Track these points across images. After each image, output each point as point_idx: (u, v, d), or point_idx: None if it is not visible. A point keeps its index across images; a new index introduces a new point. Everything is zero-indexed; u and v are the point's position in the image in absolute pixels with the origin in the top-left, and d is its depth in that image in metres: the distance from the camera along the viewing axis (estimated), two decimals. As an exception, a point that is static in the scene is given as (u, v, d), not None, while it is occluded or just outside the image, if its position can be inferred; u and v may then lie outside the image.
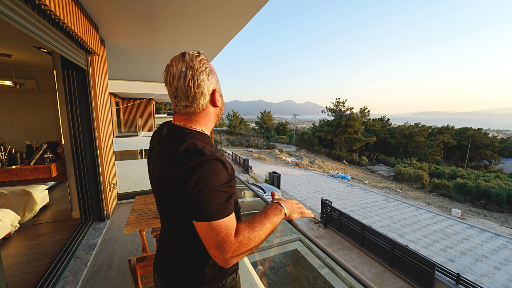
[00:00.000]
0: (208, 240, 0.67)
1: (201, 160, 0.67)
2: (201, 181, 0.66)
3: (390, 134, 45.63)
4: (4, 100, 5.92)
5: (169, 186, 0.71)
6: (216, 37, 3.54)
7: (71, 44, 2.45)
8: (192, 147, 0.70)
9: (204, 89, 0.77)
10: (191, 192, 0.66)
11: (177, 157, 0.69)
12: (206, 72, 0.77)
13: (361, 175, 28.70)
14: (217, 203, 0.67)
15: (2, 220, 2.69)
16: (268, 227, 0.76)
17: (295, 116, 58.73)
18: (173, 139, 0.76)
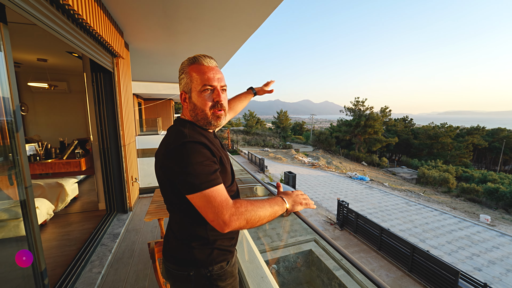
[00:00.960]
0: (205, 210, 0.73)
1: (182, 142, 0.76)
2: (183, 159, 0.74)
3: (413, 135, 43.48)
4: (41, 101, 6.47)
5: (160, 170, 0.82)
6: (232, 38, 3.65)
7: (99, 49, 2.67)
8: (178, 133, 0.82)
9: (182, 88, 0.92)
10: (177, 169, 0.74)
11: (167, 143, 0.82)
12: (180, 74, 0.94)
13: (381, 177, 27.67)
14: (204, 173, 0.73)
15: (40, 208, 2.99)
16: (267, 210, 0.79)
17: (312, 116, 57.88)
18: (171, 128, 0.91)
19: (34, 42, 3.85)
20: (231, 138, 41.08)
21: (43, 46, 4.18)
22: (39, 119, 6.58)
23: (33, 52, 4.67)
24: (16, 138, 1.47)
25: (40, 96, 6.50)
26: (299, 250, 8.32)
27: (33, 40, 3.76)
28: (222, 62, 5.30)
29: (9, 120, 1.46)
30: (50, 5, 1.66)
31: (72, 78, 6.60)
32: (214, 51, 4.21)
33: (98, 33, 2.38)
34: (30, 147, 3.06)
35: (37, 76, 6.13)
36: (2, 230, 1.88)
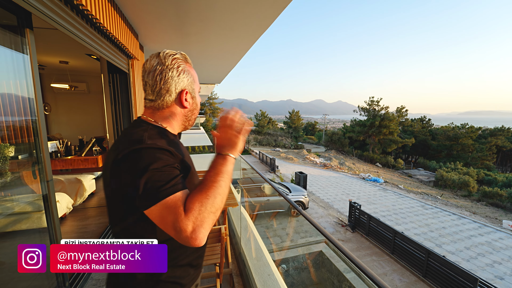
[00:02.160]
0: (163, 224, 0.61)
1: (136, 148, 0.65)
2: (134, 166, 0.63)
3: (431, 136, 41.80)
4: (62, 101, 6.83)
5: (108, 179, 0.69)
6: (242, 38, 3.69)
7: (115, 51, 2.80)
8: (136, 137, 0.68)
9: (171, 86, 0.76)
10: (128, 180, 0.63)
11: (117, 147, 0.69)
12: (177, 70, 0.76)
13: (396, 179, 26.85)
14: (159, 181, 0.61)
15: (60, 202, 3.17)
16: (223, 183, 0.68)
17: (324, 116, 57.08)
18: (126, 131, 0.76)
19: (56, 46, 4.07)
20: (242, 138, 41.25)
21: (65, 50, 4.41)
22: (61, 118, 6.94)
23: (55, 55, 4.93)
24: (40, 136, 1.58)
25: (61, 96, 6.85)
26: (309, 251, 8.27)
27: (55, 44, 3.98)
28: (233, 62, 5.37)
29: (34, 120, 1.58)
30: (71, 10, 1.77)
31: (91, 79, 6.91)
32: (226, 51, 4.27)
33: (115, 36, 2.49)
34: (52, 144, 3.25)
35: (59, 77, 6.47)
36: (27, 222, 2.02)
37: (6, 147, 2.07)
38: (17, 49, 1.47)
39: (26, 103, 1.53)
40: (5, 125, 1.61)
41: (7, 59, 1.45)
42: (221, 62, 5.20)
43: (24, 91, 1.52)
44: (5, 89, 1.49)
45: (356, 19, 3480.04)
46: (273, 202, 9.96)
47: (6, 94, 1.56)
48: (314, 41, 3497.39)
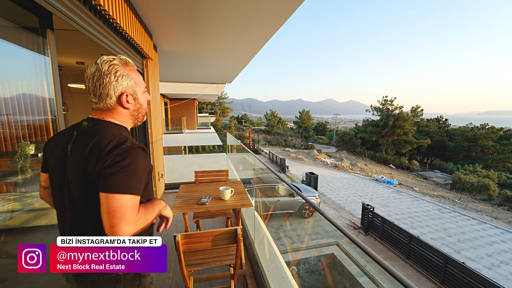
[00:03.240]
0: (114, 213, 0.72)
1: (128, 148, 0.79)
2: (125, 162, 0.76)
3: (448, 137, 40.23)
4: (78, 101, 7.05)
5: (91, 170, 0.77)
6: (256, 37, 3.66)
7: (131, 51, 2.83)
8: (119, 136, 0.81)
9: (110, 91, 0.84)
10: (113, 171, 0.74)
11: (106, 143, 0.78)
12: (115, 76, 0.84)
13: (411, 181, 26.03)
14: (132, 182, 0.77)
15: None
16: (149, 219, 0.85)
17: (336, 115, 56.17)
18: (98, 131, 0.83)
19: (73, 47, 4.18)
20: (252, 138, 41.35)
21: (81, 50, 4.53)
22: (77, 117, 7.16)
23: (72, 56, 5.08)
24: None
25: (78, 96, 7.07)
26: (321, 253, 8.13)
27: (72, 45, 4.09)
28: (245, 62, 5.35)
29: (53, 119, 1.60)
30: (89, 11, 1.79)
31: (106, 80, 7.08)
32: (238, 50, 4.25)
33: (130, 36, 2.52)
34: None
35: (76, 78, 6.68)
36: (46, 218, 2.06)
37: (27, 145, 2.13)
38: (38, 50, 1.50)
39: (46, 103, 1.56)
40: (26, 124, 1.65)
41: (29, 60, 1.48)
42: (233, 61, 5.19)
43: (45, 91, 1.55)
44: (27, 90, 1.53)
45: (370, 15, 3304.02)
46: (284, 203, 9.88)
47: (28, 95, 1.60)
48: (325, 39, 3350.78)
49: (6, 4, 1.31)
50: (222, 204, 1.87)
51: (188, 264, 1.53)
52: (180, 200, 1.95)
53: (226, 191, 1.95)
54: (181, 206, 1.82)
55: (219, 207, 1.83)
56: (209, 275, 1.85)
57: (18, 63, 1.50)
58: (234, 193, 2.06)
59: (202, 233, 1.34)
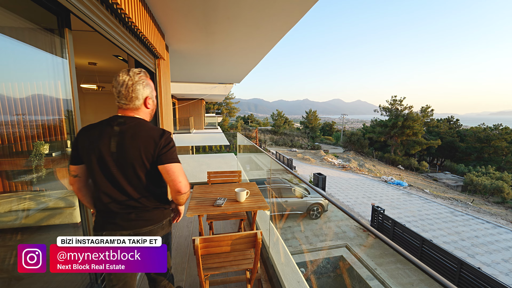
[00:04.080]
0: (176, 176, 1.14)
1: (167, 134, 1.17)
2: (172, 142, 1.18)
3: (459, 137, 39.22)
4: (90, 101, 7.15)
5: (158, 150, 1.14)
6: (267, 36, 3.61)
7: (144, 50, 2.83)
8: (156, 128, 1.20)
9: (138, 95, 1.17)
10: (170, 148, 1.15)
11: (156, 134, 1.16)
12: (142, 85, 1.17)
13: (420, 182, 25.49)
14: (176, 155, 1.18)
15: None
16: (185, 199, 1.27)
17: (343, 115, 55.55)
18: (140, 125, 1.18)
19: (86, 47, 4.23)
20: (258, 138, 41.29)
21: (94, 51, 4.58)
22: (89, 117, 7.27)
23: (85, 56, 5.14)
24: (75, 134, 1.59)
25: (90, 96, 7.17)
26: (329, 255, 8.02)
27: (85, 46, 4.13)
28: (255, 61, 5.30)
29: (71, 118, 1.60)
30: (106, 9, 1.77)
31: (117, 80, 7.17)
32: (249, 49, 4.21)
33: (144, 35, 2.51)
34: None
35: (88, 78, 6.77)
36: (60, 217, 2.06)
37: (42, 145, 2.13)
38: (56, 50, 1.49)
39: (62, 103, 1.55)
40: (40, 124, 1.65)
41: (47, 60, 1.47)
42: (243, 61, 5.15)
43: (62, 91, 1.54)
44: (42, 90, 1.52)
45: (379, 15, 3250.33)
46: (292, 204, 9.79)
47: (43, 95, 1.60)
48: (331, 38, 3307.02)
49: (26, 2, 1.30)
50: (238, 206, 1.83)
51: (205, 268, 1.49)
52: (195, 201, 1.91)
53: (242, 193, 1.90)
54: (196, 208, 1.78)
55: (235, 209, 1.79)
56: (224, 279, 1.80)
57: (36, 63, 1.50)
58: (250, 195, 2.02)
59: (221, 237, 1.29)
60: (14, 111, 1.34)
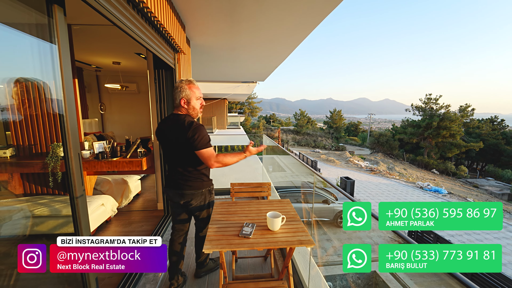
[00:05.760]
0: (207, 156, 1.59)
1: (196, 124, 1.63)
2: (199, 132, 1.60)
3: (505, 140, 35.15)
4: (115, 101, 7.16)
5: (184, 140, 1.61)
6: (300, 23, 3.11)
7: (163, 44, 2.49)
8: (188, 121, 1.65)
9: (177, 97, 1.71)
10: (196, 138, 1.58)
11: (186, 124, 1.63)
12: (179, 89, 1.69)
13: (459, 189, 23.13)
14: (207, 141, 1.62)
15: (105, 205, 3.04)
16: (233, 159, 1.67)
17: (370, 115, 52.67)
18: (178, 118, 1.68)
19: (108, 45, 4.08)
20: (281, 138, 40.57)
21: (117, 50, 4.44)
22: (114, 117, 7.28)
23: (109, 55, 5.05)
24: (68, 143, 1.25)
25: (115, 96, 7.18)
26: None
27: (107, 43, 3.98)
28: (283, 56, 4.81)
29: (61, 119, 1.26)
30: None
31: (140, 80, 7.11)
32: (277, 41, 3.74)
33: (163, 26, 2.17)
34: (100, 144, 3.13)
35: (112, 78, 6.77)
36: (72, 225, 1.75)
37: (58, 147, 1.89)
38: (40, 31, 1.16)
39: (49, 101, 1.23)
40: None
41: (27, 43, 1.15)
42: (270, 55, 4.68)
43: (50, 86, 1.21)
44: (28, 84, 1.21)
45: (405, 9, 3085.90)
46: (317, 210, 9.16)
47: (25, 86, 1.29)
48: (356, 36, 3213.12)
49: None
50: (271, 238, 1.38)
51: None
52: (215, 227, 1.50)
53: (276, 220, 1.44)
54: (217, 238, 1.36)
55: (268, 243, 1.34)
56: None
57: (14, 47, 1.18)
58: (286, 221, 1.55)
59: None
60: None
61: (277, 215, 1.48)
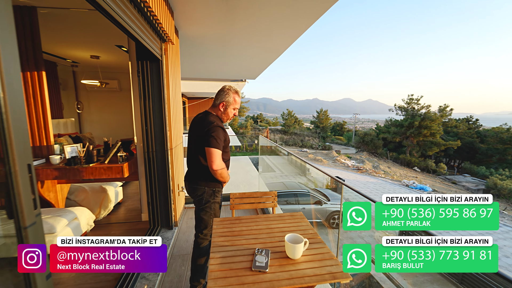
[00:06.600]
0: (212, 156, 1.64)
1: (217, 125, 1.71)
2: (216, 132, 1.67)
3: (479, 138, 37.13)
4: (94, 99, 6.57)
5: (203, 135, 1.70)
6: (301, 16, 2.83)
7: (148, 30, 2.11)
8: (210, 120, 1.74)
9: (218, 98, 1.84)
10: (211, 135, 1.65)
11: (209, 121, 1.73)
12: (223, 93, 1.82)
13: (439, 186, 24.08)
14: (219, 143, 1.66)
15: (79, 219, 2.60)
16: (227, 179, 1.81)
17: (355, 115, 53.85)
18: (208, 116, 1.80)
19: (85, 35, 3.64)
20: (269, 138, 40.45)
21: (94, 41, 4.00)
22: (93, 117, 6.69)
23: (86, 48, 4.55)
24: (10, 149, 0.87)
25: (94, 94, 6.59)
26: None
27: (84, 33, 3.54)
28: (278, 52, 4.52)
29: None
30: None
31: (122, 76, 6.57)
32: (274, 34, 3.44)
33: (149, 8, 1.80)
34: (73, 148, 2.69)
35: (91, 75, 6.20)
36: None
37: None
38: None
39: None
40: None
41: None
42: (265, 50, 4.37)
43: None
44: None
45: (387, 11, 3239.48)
46: (308, 211, 8.98)
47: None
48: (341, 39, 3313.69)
49: None
50: (294, 272, 1.06)
51: None
52: (219, 257, 1.16)
53: (298, 247, 1.13)
54: (223, 276, 1.02)
55: (292, 279, 1.02)
56: None
57: None
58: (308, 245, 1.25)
59: None
60: None
61: (298, 239, 1.18)
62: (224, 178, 1.74)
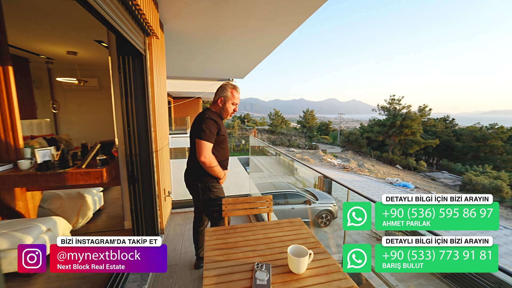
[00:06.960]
0: (200, 147, 1.68)
1: (209, 117, 1.74)
2: (206, 124, 1.70)
3: (455, 137, 39.19)
4: (72, 98, 6.16)
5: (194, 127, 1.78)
6: (294, 12, 2.74)
7: (131, 22, 1.92)
8: (205, 115, 1.76)
9: (217, 94, 1.89)
10: (201, 127, 1.69)
11: (200, 117, 1.77)
12: (222, 90, 1.86)
13: (420, 182, 25.11)
14: (208, 134, 1.69)
15: (53, 230, 2.34)
16: (217, 172, 1.79)
17: (340, 115, 55.04)
18: (205, 112, 1.81)
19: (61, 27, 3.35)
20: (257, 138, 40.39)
21: (71, 35, 3.72)
22: (70, 117, 6.26)
23: (62, 43, 4.22)
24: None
25: (71, 93, 6.18)
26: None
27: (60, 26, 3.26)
28: (268, 50, 4.41)
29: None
30: None
31: (102, 74, 6.21)
32: (265, 30, 3.32)
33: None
34: (45, 151, 2.43)
35: (68, 72, 5.79)
36: None
37: None
38: None
39: None
40: None
41: None
42: (255, 48, 4.23)
43: None
44: None
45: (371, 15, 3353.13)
46: (297, 211, 8.98)
47: None
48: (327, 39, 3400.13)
49: None
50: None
51: None
52: (214, 275, 1.02)
53: (303, 260, 1.03)
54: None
55: (298, 298, 0.91)
56: None
57: None
58: (313, 257, 1.14)
59: None
60: None
61: (303, 251, 1.07)
62: (216, 173, 1.78)
